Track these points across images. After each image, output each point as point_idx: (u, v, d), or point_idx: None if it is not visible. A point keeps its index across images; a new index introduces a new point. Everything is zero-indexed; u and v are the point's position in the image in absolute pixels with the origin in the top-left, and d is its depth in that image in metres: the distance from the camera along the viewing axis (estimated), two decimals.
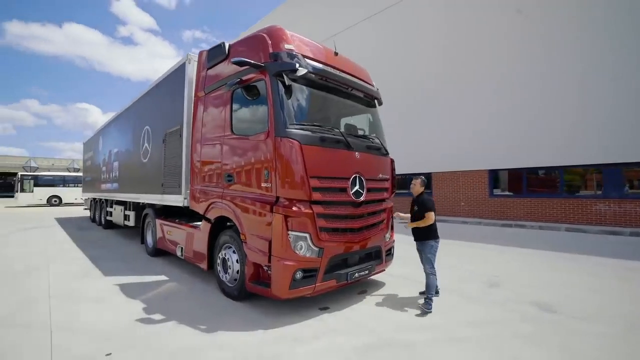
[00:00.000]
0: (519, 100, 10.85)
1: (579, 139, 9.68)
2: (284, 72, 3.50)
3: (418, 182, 4.09)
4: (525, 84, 10.72)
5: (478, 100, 11.86)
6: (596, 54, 9.46)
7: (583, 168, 9.97)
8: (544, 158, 10.33)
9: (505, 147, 11.12)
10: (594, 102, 9.43)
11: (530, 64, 10.63)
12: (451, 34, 12.68)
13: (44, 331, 3.13)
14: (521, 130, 10.78)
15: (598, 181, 9.72)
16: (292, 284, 3.32)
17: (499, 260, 6.25)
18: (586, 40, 9.63)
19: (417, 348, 2.88)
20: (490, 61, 11.57)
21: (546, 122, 10.27)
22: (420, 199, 4.03)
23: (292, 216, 3.34)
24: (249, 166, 3.73)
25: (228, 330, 3.18)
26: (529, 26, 10.71)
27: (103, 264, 5.85)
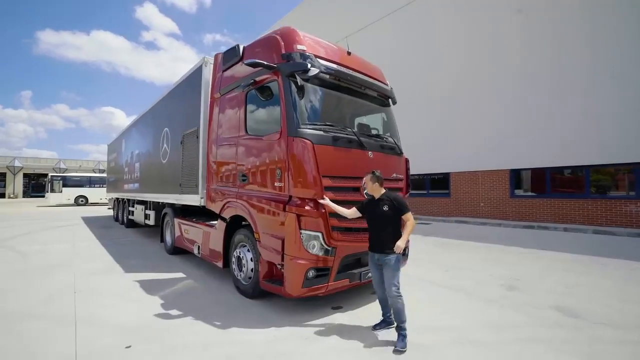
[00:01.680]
0: (543, 97, 10.45)
1: (607, 137, 9.22)
2: (296, 72, 3.53)
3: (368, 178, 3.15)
4: (550, 80, 10.31)
5: (499, 98, 11.52)
6: (626, 46, 8.99)
7: (613, 168, 9.48)
8: (569, 157, 9.90)
9: (527, 146, 10.74)
10: (626, 97, 8.95)
11: (554, 60, 10.22)
12: (470, 33, 12.38)
13: (68, 324, 3.28)
14: (544, 128, 10.37)
15: (630, 181, 9.22)
16: (304, 282, 3.33)
17: (521, 263, 6.03)
18: (612, 33, 9.17)
19: (433, 350, 2.83)
20: (511, 59, 11.21)
21: (572, 119, 9.84)
22: (391, 196, 3.08)
23: (304, 215, 3.36)
24: (263, 166, 3.78)
25: (242, 327, 3.23)
26: (551, 22, 10.31)
27: (125, 262, 6.07)
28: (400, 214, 3.02)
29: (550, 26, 10.34)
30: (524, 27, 10.90)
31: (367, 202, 3.23)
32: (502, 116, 11.35)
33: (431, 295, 4.29)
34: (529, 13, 10.78)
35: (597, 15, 9.50)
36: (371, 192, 3.15)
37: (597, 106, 9.40)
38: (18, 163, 40.08)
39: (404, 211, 3.01)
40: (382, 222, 3.04)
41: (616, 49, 9.14)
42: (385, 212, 3.01)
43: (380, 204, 3.06)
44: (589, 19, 9.61)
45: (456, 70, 12.69)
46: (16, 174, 40.18)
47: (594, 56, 9.49)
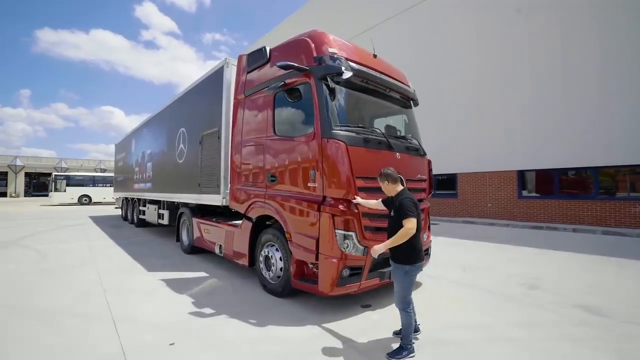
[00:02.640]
0: (552, 99, 10.55)
1: (617, 138, 9.31)
2: (329, 75, 3.59)
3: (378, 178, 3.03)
4: (558, 82, 10.41)
5: (506, 99, 11.60)
6: (635, 50, 9.08)
7: (621, 169, 9.58)
8: (578, 158, 10.00)
9: (535, 147, 10.83)
10: (635, 100, 9.05)
11: (561, 61, 10.31)
12: (478, 34, 12.46)
13: (106, 321, 3.33)
14: (553, 129, 10.47)
15: (638, 183, 9.32)
16: (339, 281, 3.40)
17: (536, 262, 6.10)
18: (623, 36, 9.27)
19: (467, 347, 2.89)
20: (519, 60, 11.30)
21: (581, 120, 9.94)
22: (398, 199, 2.86)
23: (338, 215, 3.42)
24: (294, 166, 3.83)
25: (278, 325, 3.29)
26: (561, 23, 10.40)
27: (144, 260, 6.12)
28: (401, 218, 2.72)
29: (560, 27, 10.43)
30: (534, 28, 10.98)
31: (388, 200, 3.06)
32: (510, 117, 11.43)
33: (455, 293, 4.35)
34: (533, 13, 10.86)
35: (608, 17, 9.59)
36: (385, 192, 3.02)
37: (607, 108, 9.49)
38: (20, 162, 40.01)
39: (402, 217, 2.71)
40: (390, 226, 2.88)
41: (627, 50, 9.23)
42: (392, 217, 2.85)
43: (391, 206, 2.92)
44: (600, 20, 9.71)
45: (463, 71, 12.76)
46: (17, 173, 40.10)
47: (603, 58, 9.58)
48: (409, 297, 2.79)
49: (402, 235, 2.65)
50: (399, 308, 2.78)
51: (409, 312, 2.75)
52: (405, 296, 2.77)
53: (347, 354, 2.76)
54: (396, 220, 2.76)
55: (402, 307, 2.76)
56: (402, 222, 2.68)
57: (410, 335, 2.74)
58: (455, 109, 13.02)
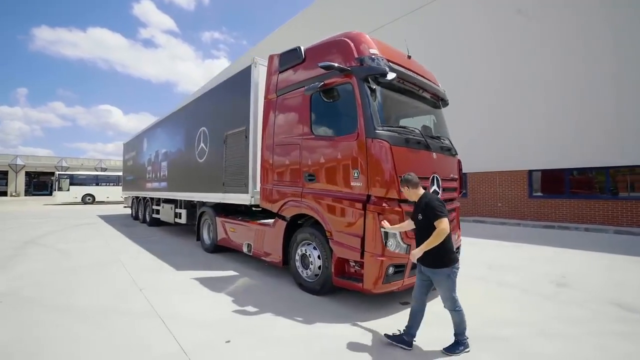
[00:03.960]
0: (561, 100, 10.64)
1: (628, 138, 9.42)
2: (372, 75, 3.64)
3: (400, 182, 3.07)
4: (568, 83, 10.51)
5: (517, 99, 11.69)
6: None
7: (633, 169, 9.69)
8: (589, 158, 10.10)
9: (546, 147, 10.93)
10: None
11: (572, 63, 10.41)
12: (488, 34, 12.54)
13: (155, 320, 3.35)
14: (563, 130, 10.57)
15: None
16: (384, 278, 3.45)
17: (557, 261, 6.18)
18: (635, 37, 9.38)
19: (514, 342, 2.95)
20: (530, 60, 11.39)
21: (591, 121, 10.04)
22: (423, 201, 2.82)
23: (384, 213, 3.47)
24: (335, 166, 3.86)
25: (324, 323, 3.33)
26: (568, 25, 10.50)
27: (168, 259, 6.14)
28: (431, 220, 2.67)
29: (569, 27, 10.53)
30: (543, 28, 11.08)
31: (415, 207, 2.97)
32: (521, 118, 11.52)
33: (489, 291, 4.41)
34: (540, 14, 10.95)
35: (621, 20, 9.70)
36: (407, 197, 3.01)
37: (619, 108, 9.60)
38: (20, 161, 39.77)
39: (432, 219, 2.66)
40: (420, 230, 2.82)
41: (637, 53, 9.34)
42: (420, 220, 2.80)
43: (417, 210, 2.87)
44: (613, 24, 9.82)
45: (472, 71, 12.84)
46: (18, 172, 39.85)
47: (618, 58, 9.69)
48: (456, 296, 2.80)
49: (438, 236, 2.60)
50: (450, 309, 2.80)
51: (458, 311, 2.78)
52: (452, 297, 2.78)
53: (398, 351, 2.80)
54: (426, 223, 2.72)
55: (452, 307, 2.78)
56: (435, 224, 2.63)
57: (464, 331, 2.79)
58: (464, 109, 13.09)
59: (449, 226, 2.66)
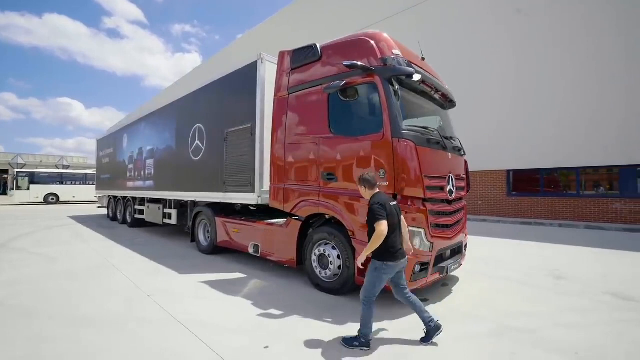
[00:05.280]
0: (538, 103, 11.34)
1: (596, 141, 10.24)
2: (397, 76, 3.67)
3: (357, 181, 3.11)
4: (544, 85, 11.22)
5: (497, 100, 12.30)
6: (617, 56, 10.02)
7: (600, 169, 10.55)
8: (561, 159, 10.87)
9: (523, 148, 11.61)
10: (611, 106, 10.00)
11: (549, 66, 11.12)
12: (471, 34, 13.06)
13: (179, 327, 3.17)
14: (539, 131, 11.28)
15: (615, 181, 10.33)
16: (411, 276, 3.50)
17: (545, 255, 6.60)
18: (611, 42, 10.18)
19: (540, 333, 3.11)
20: (509, 62, 12.02)
21: (564, 124, 10.79)
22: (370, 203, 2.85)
23: (411, 213, 3.52)
24: (359, 165, 3.85)
25: (354, 323, 3.31)
26: (550, 26, 11.20)
27: (165, 262, 5.84)
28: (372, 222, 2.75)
29: (556, 23, 11.23)
30: (525, 30, 11.73)
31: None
32: (500, 119, 12.15)
33: (494, 285, 4.61)
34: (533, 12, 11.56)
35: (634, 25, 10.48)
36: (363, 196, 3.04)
37: (589, 114, 10.40)
38: None
39: (372, 221, 2.73)
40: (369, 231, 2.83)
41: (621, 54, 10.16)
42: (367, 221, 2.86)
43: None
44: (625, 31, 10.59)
45: (458, 71, 13.32)
46: None
47: (595, 63, 10.47)
48: (373, 294, 2.78)
49: (376, 237, 2.67)
50: (361, 299, 2.81)
51: (368, 306, 2.78)
52: (369, 290, 2.78)
53: (445, 346, 2.86)
54: (370, 224, 2.78)
55: (364, 298, 2.79)
56: (375, 226, 2.69)
57: (367, 328, 2.76)
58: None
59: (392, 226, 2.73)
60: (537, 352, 2.76)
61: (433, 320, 2.89)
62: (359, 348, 2.76)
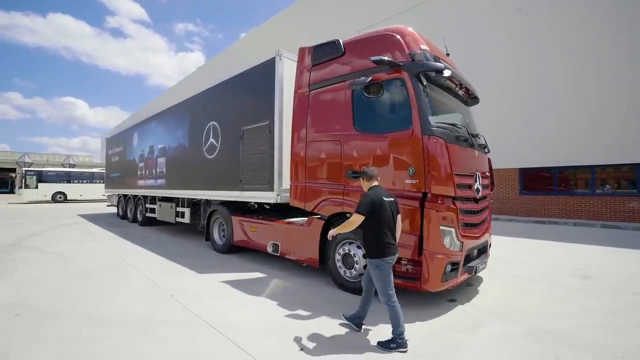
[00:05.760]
0: (552, 101, 11.18)
1: (615, 139, 10.07)
2: (426, 71, 3.58)
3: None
4: (561, 84, 11.05)
5: (508, 99, 12.14)
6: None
7: (616, 168, 10.38)
8: (577, 157, 10.71)
9: (536, 146, 11.45)
10: (628, 103, 9.83)
11: (570, 65, 10.96)
12: (472, 34, 12.90)
13: (207, 329, 3.11)
14: (553, 129, 11.12)
15: (631, 179, 10.16)
16: (442, 276, 3.42)
17: (565, 254, 6.49)
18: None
19: (577, 334, 3.02)
20: (522, 60, 11.85)
21: (580, 122, 10.63)
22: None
23: (443, 211, 3.44)
24: (386, 163, 3.77)
25: (385, 324, 3.23)
26: (561, 26, 11.03)
27: (181, 261, 5.79)
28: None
29: (555, 24, 11.06)
30: (540, 29, 11.56)
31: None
32: (513, 118, 11.99)
33: (519, 285, 4.52)
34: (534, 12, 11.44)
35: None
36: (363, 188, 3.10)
37: (605, 111, 10.23)
38: None
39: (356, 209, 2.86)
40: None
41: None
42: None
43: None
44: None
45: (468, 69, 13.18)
46: None
47: (609, 63, 10.30)
48: (389, 290, 2.80)
49: (347, 224, 2.87)
50: (382, 302, 2.83)
51: (391, 305, 2.78)
52: (384, 288, 2.80)
53: (480, 345, 2.78)
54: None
55: (384, 300, 2.81)
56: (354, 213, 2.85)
57: (399, 328, 2.73)
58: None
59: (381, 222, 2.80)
60: (584, 355, 2.67)
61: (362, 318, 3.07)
62: (397, 350, 2.69)
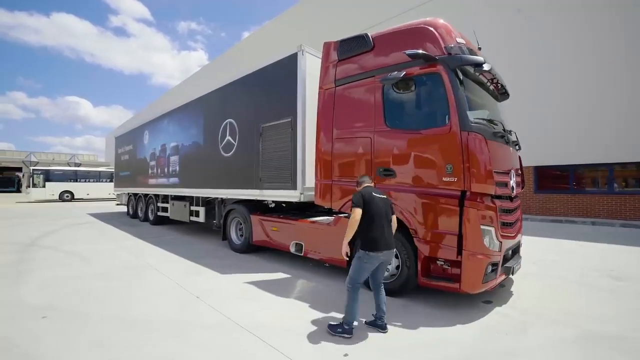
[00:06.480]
0: (568, 98, 10.99)
1: (631, 136, 9.88)
2: (464, 66, 3.46)
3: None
4: (576, 82, 10.85)
5: (522, 97, 11.95)
6: None
7: (638, 165, 10.19)
8: (594, 155, 10.52)
9: (552, 144, 11.26)
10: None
11: (581, 62, 10.76)
12: (473, 34, 12.71)
13: (242, 332, 3.01)
14: (569, 127, 10.93)
15: None
16: (483, 278, 3.30)
17: (589, 254, 6.34)
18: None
19: (628, 338, 2.90)
20: (539, 58, 11.65)
21: (596, 119, 10.44)
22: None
23: (483, 210, 3.31)
24: (421, 160, 3.64)
25: (427, 327, 3.13)
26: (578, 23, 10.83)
27: (202, 261, 5.70)
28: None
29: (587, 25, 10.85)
30: (558, 26, 11.36)
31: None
32: (528, 116, 11.81)
33: (551, 286, 4.39)
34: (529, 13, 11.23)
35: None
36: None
37: (623, 108, 10.03)
38: None
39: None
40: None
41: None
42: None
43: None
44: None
45: None
46: None
47: (621, 58, 10.09)
48: (357, 282, 2.87)
49: (349, 226, 2.86)
50: (346, 285, 2.92)
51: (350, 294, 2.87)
52: (352, 277, 2.89)
53: (529, 351, 2.66)
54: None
55: (347, 286, 2.91)
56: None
57: (350, 316, 2.84)
58: None
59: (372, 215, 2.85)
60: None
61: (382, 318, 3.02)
62: (340, 335, 2.80)
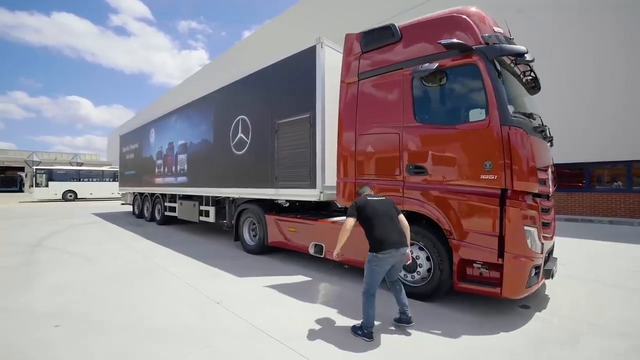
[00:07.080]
0: (581, 95, 10.75)
1: None
2: (504, 56, 3.25)
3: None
4: (591, 80, 10.61)
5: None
6: None
7: None
8: (610, 152, 10.28)
9: (566, 142, 11.02)
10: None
11: (597, 60, 10.52)
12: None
13: (269, 341, 2.80)
14: (584, 125, 10.70)
15: None
16: (528, 281, 3.09)
17: (615, 254, 6.14)
18: None
19: None
20: (539, 58, 11.41)
21: (611, 115, 10.20)
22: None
23: (526, 210, 3.10)
24: (456, 157, 3.42)
25: (469, 335, 2.91)
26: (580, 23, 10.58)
27: (215, 263, 5.50)
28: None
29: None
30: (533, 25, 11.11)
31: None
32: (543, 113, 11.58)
33: (588, 289, 4.17)
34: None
35: None
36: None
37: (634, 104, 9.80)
38: None
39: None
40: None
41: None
42: None
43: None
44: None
45: None
46: None
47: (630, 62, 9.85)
48: (372, 287, 2.84)
49: (341, 233, 2.93)
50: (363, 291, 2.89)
51: (365, 298, 2.85)
52: (366, 282, 2.87)
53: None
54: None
55: (363, 290, 2.89)
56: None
57: (367, 320, 2.81)
58: None
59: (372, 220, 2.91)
60: None
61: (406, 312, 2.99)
62: (362, 338, 2.78)
